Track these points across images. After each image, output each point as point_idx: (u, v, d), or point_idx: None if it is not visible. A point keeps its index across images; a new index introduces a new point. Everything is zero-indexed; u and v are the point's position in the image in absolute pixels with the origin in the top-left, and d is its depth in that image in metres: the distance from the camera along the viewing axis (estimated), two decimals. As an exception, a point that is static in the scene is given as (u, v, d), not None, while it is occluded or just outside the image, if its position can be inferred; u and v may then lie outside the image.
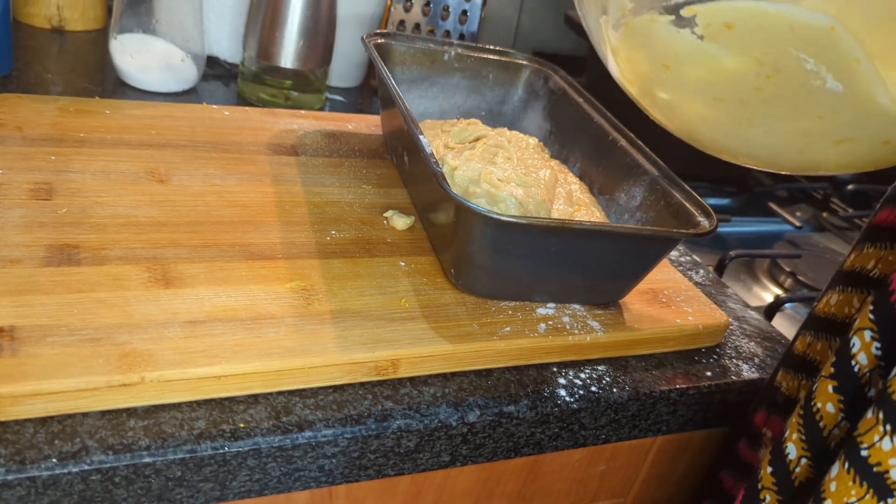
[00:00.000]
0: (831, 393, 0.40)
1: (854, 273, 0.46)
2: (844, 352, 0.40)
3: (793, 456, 0.42)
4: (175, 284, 0.45)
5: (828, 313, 0.48)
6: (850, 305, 0.46)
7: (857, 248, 0.47)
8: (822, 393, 0.41)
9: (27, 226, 0.47)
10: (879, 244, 0.45)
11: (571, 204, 0.59)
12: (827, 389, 0.41)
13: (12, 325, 0.40)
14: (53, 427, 0.37)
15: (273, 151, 0.63)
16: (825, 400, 0.41)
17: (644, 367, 0.53)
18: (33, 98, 0.61)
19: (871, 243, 0.45)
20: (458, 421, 0.45)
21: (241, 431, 0.40)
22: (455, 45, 0.71)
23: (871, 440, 0.35)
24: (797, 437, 0.42)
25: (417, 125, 0.53)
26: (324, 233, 0.54)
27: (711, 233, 0.51)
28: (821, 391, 0.41)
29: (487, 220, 0.46)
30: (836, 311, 0.47)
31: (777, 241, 0.99)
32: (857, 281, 0.46)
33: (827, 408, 0.40)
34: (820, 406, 0.41)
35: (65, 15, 0.81)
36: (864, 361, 0.39)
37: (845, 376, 0.40)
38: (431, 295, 0.50)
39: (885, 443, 0.34)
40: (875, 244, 0.45)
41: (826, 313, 0.48)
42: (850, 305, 0.46)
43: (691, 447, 0.60)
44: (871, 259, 0.45)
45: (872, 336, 0.38)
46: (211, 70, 0.81)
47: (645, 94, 0.44)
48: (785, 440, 0.43)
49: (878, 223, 0.45)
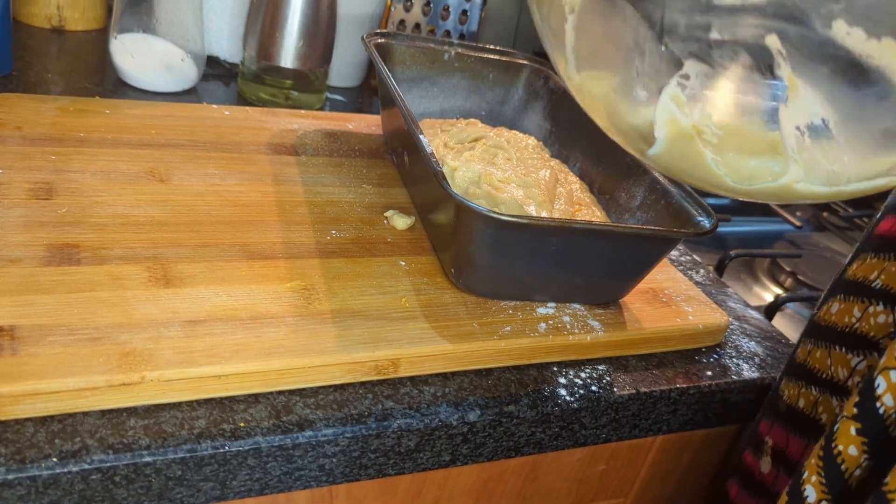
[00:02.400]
0: (854, 435, 0.39)
1: (856, 283, 0.46)
2: (868, 393, 0.39)
3: (812, 499, 0.41)
4: (175, 284, 0.45)
5: (828, 322, 0.48)
6: (850, 314, 0.46)
7: (860, 258, 0.46)
8: (843, 434, 0.40)
9: (27, 225, 0.47)
10: (882, 255, 0.45)
11: (573, 204, 0.59)
12: (849, 431, 0.39)
13: (12, 324, 0.40)
14: (54, 426, 0.37)
15: (273, 151, 0.63)
16: (847, 442, 0.39)
17: (644, 367, 0.53)
18: (33, 98, 0.61)
19: (875, 254, 0.45)
20: (458, 420, 0.45)
21: (241, 431, 0.40)
22: (455, 44, 0.71)
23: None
24: (816, 480, 0.41)
25: (418, 125, 0.53)
26: (324, 232, 0.54)
27: (711, 232, 0.51)
28: (843, 433, 0.40)
29: (488, 219, 0.46)
30: (836, 319, 0.47)
31: (777, 241, 0.99)
32: (859, 291, 0.46)
33: (849, 451, 0.39)
34: (842, 449, 0.40)
35: (65, 15, 0.81)
36: (890, 403, 0.38)
37: (870, 419, 0.39)
38: (432, 294, 0.50)
39: None
40: (878, 255, 0.45)
41: (827, 321, 0.48)
42: (850, 314, 0.46)
43: (691, 447, 0.60)
44: (874, 270, 0.45)
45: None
46: (211, 70, 0.81)
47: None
48: (803, 482, 0.42)
49: (881, 233, 0.45)
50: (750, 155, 0.36)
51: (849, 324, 0.46)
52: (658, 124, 0.37)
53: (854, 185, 0.35)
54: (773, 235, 1.00)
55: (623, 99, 0.38)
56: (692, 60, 0.34)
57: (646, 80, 0.36)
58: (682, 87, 0.35)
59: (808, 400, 0.48)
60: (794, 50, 0.32)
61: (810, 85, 0.32)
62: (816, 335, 0.49)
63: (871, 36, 0.30)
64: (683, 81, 0.35)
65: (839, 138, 0.34)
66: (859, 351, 0.45)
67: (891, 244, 0.44)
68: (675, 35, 0.34)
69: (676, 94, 0.35)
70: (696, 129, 0.36)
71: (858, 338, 0.45)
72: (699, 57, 0.34)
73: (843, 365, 0.46)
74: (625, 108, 0.38)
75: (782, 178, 0.36)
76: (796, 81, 0.33)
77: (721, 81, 0.34)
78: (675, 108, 0.36)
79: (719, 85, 0.34)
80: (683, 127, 0.36)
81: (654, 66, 0.35)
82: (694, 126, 0.36)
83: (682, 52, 0.34)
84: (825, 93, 0.33)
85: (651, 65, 0.35)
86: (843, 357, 0.46)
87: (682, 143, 0.37)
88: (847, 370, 0.46)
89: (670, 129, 0.36)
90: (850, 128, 0.33)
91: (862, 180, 0.35)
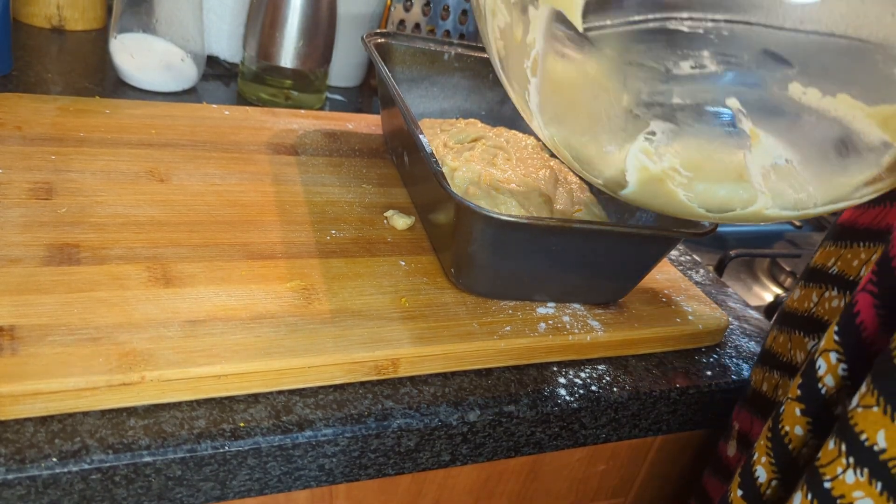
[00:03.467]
0: (799, 416, 0.40)
1: (816, 270, 0.48)
2: (811, 374, 0.40)
3: (763, 479, 0.42)
4: (175, 284, 0.45)
5: (791, 308, 0.49)
6: (809, 300, 0.47)
7: (822, 247, 0.48)
8: (789, 416, 0.41)
9: (27, 225, 0.47)
10: (840, 242, 0.46)
11: (572, 204, 0.59)
12: (794, 413, 0.41)
13: (12, 324, 0.40)
14: (53, 426, 0.37)
15: (273, 151, 0.63)
16: (793, 423, 0.41)
17: (644, 367, 0.53)
18: (33, 97, 0.61)
19: (833, 242, 0.47)
20: (458, 420, 0.45)
21: (241, 431, 0.40)
22: (455, 44, 0.71)
23: (833, 472, 0.35)
24: (766, 461, 0.42)
25: (418, 125, 0.53)
26: (324, 232, 0.54)
27: (711, 232, 0.51)
28: (788, 414, 0.41)
29: (488, 219, 0.46)
30: (797, 305, 0.48)
31: (777, 241, 0.99)
32: (817, 277, 0.47)
33: (795, 430, 0.41)
34: (788, 429, 0.41)
35: (65, 14, 0.81)
36: (831, 383, 0.39)
37: (812, 399, 0.40)
38: (431, 294, 0.50)
39: (848, 475, 0.34)
40: (836, 242, 0.46)
41: (790, 308, 0.49)
42: (809, 300, 0.47)
43: (691, 447, 0.60)
44: (832, 257, 0.46)
45: (839, 358, 0.39)
46: (211, 70, 0.81)
47: None
48: (753, 463, 0.43)
49: (842, 223, 0.47)
50: (719, 188, 0.37)
51: (807, 309, 0.47)
52: (629, 171, 0.38)
53: (821, 207, 0.37)
54: (773, 235, 1.00)
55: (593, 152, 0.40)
56: (658, 121, 0.36)
57: (612, 137, 0.38)
58: (649, 142, 0.37)
59: (770, 384, 0.49)
60: (754, 108, 0.34)
61: (772, 134, 0.34)
62: (781, 321, 0.50)
63: (826, 94, 0.32)
64: (651, 137, 0.36)
65: (803, 173, 0.35)
66: (815, 335, 0.46)
67: (848, 232, 0.46)
68: (638, 101, 0.36)
69: (645, 147, 0.37)
70: (665, 174, 0.37)
71: (814, 322, 0.46)
72: (664, 118, 0.35)
73: (800, 349, 0.47)
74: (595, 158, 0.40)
75: (752, 206, 0.38)
76: (758, 132, 0.34)
77: (687, 136, 0.36)
78: (645, 158, 0.37)
79: (685, 138, 0.36)
80: (654, 172, 0.38)
81: (620, 126, 0.37)
82: (663, 171, 0.37)
83: (647, 115, 0.36)
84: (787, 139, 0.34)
85: (617, 125, 0.37)
86: (801, 341, 0.47)
87: (653, 185, 0.38)
88: (804, 353, 0.47)
89: (641, 174, 0.38)
90: (813, 163, 0.35)
91: (828, 204, 0.37)
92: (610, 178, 0.40)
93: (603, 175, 0.40)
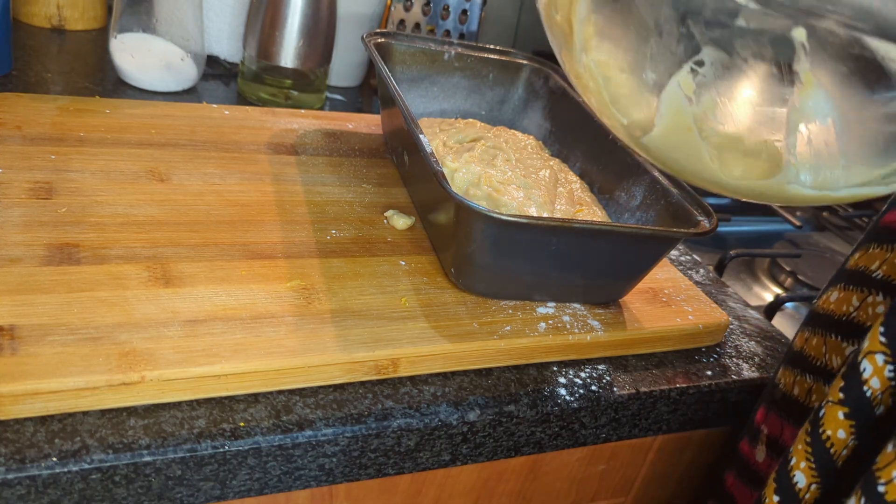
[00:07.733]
0: (842, 419, 0.39)
1: (857, 272, 0.46)
2: (854, 377, 0.39)
3: (802, 484, 0.41)
4: (175, 283, 0.45)
5: (826, 310, 0.48)
6: (848, 303, 0.46)
7: (863, 248, 0.46)
8: (831, 420, 0.40)
9: (27, 225, 0.47)
10: (886, 245, 0.44)
11: (573, 204, 0.59)
12: (837, 416, 0.40)
13: (12, 324, 0.40)
14: (53, 426, 0.37)
15: (273, 151, 0.63)
16: (835, 427, 0.40)
17: (644, 367, 0.53)
18: (33, 97, 0.61)
19: (878, 244, 0.45)
20: (458, 420, 0.45)
21: (241, 430, 0.40)
22: (455, 44, 0.71)
23: (889, 475, 0.34)
24: (806, 466, 0.41)
25: (418, 125, 0.53)
26: (324, 232, 0.54)
27: (711, 232, 0.51)
28: (829, 417, 0.40)
29: (488, 219, 0.46)
30: (834, 307, 0.47)
31: (777, 241, 0.99)
32: (859, 280, 0.46)
33: (838, 434, 0.40)
34: (830, 433, 0.40)
35: (65, 14, 0.81)
36: (877, 385, 0.38)
37: (856, 402, 0.39)
38: (431, 294, 0.50)
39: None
40: (882, 245, 0.45)
41: (825, 310, 0.48)
42: (848, 303, 0.46)
43: (691, 446, 0.60)
44: (877, 260, 0.45)
45: (886, 360, 0.38)
46: (211, 69, 0.81)
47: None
48: (791, 468, 0.42)
49: (886, 224, 0.45)
50: (746, 151, 0.36)
51: (846, 312, 0.46)
52: (661, 110, 0.36)
53: (844, 191, 0.35)
54: (773, 235, 1.00)
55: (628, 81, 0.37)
56: (710, 47, 0.33)
57: (657, 62, 0.35)
58: (693, 74, 0.34)
59: (803, 388, 0.48)
60: (818, 45, 0.31)
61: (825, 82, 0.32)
62: (814, 323, 0.49)
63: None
64: (696, 68, 0.34)
65: (839, 142, 0.33)
66: (854, 340, 0.45)
67: (895, 234, 0.44)
68: (699, 17, 0.33)
69: (686, 80, 0.35)
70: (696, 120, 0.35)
71: (855, 326, 0.45)
72: (719, 44, 0.33)
73: (837, 353, 0.46)
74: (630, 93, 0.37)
75: (774, 178, 0.36)
76: (811, 78, 0.32)
77: (735, 72, 0.34)
78: (682, 95, 0.35)
79: (732, 76, 0.34)
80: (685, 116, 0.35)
81: (669, 48, 0.35)
82: (696, 116, 0.35)
83: (703, 36, 0.33)
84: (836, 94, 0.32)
85: (667, 47, 0.35)
86: (837, 345, 0.46)
87: (679, 134, 0.36)
88: (841, 358, 0.45)
89: (671, 119, 0.36)
90: (852, 133, 0.33)
91: (852, 186, 0.35)
92: (637, 119, 0.38)
93: (630, 115, 0.38)
